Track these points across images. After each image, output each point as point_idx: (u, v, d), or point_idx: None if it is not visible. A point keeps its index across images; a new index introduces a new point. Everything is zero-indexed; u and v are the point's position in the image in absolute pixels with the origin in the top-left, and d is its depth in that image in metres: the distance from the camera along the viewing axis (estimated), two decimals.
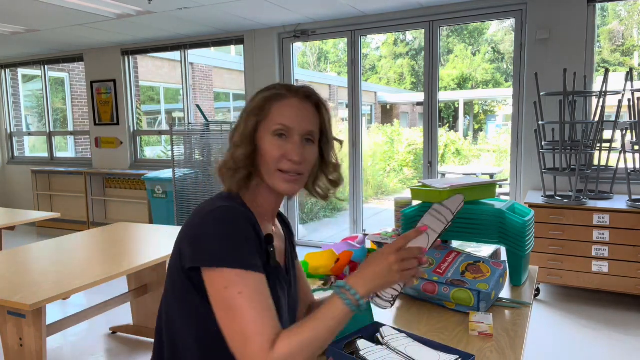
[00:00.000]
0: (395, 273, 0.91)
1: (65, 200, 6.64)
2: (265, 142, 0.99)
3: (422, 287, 1.50)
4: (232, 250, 0.89)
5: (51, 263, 2.55)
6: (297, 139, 0.99)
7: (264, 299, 0.89)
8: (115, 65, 6.03)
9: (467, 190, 1.71)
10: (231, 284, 0.87)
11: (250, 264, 0.89)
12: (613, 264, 3.34)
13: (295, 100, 1.01)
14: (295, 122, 0.99)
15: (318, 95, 1.05)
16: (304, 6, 4.24)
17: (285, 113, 1.00)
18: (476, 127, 16.67)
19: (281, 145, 0.99)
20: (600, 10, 7.30)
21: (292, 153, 0.98)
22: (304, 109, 1.01)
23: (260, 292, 0.89)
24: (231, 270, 0.88)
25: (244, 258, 0.89)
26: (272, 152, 0.98)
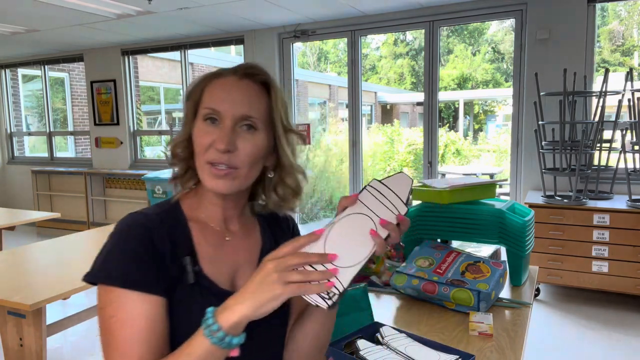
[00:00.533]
0: (273, 284, 0.69)
1: (65, 200, 6.64)
2: (195, 129, 0.85)
3: (422, 287, 1.50)
4: (113, 266, 0.77)
5: (51, 263, 2.55)
6: (228, 123, 0.82)
7: (136, 327, 0.75)
8: (115, 65, 6.03)
9: (467, 190, 1.71)
10: (106, 304, 0.77)
11: (131, 282, 0.76)
12: (613, 264, 3.34)
13: (231, 78, 0.85)
14: (226, 104, 0.83)
15: (265, 73, 0.89)
16: (304, 6, 4.24)
17: (215, 94, 0.84)
18: (476, 127, 16.67)
19: (210, 131, 0.83)
20: (600, 10, 7.31)
21: (218, 140, 0.81)
22: (241, 89, 0.85)
23: (136, 317, 0.75)
24: (108, 288, 0.77)
25: (124, 275, 0.76)
26: (200, 139, 0.83)
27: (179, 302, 0.81)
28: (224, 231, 0.91)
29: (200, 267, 0.84)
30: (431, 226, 1.75)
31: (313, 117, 13.54)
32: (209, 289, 0.84)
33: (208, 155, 0.82)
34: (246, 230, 0.95)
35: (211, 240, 0.88)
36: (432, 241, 1.72)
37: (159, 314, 0.78)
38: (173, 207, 0.88)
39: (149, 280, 0.78)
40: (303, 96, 11.91)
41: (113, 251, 0.79)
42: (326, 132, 10.99)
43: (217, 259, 0.88)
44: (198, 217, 0.89)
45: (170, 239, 0.82)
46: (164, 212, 0.86)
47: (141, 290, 0.77)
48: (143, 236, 0.80)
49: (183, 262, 0.82)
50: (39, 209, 6.58)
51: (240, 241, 0.93)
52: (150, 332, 0.76)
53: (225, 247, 0.90)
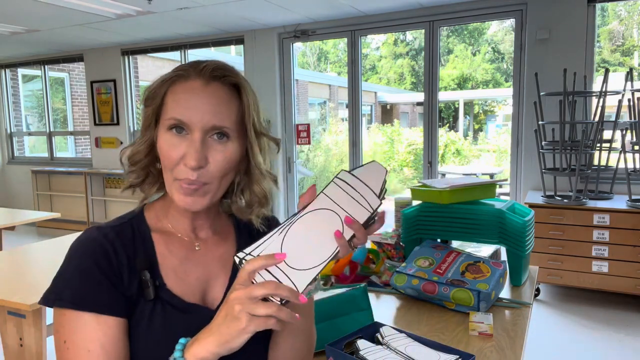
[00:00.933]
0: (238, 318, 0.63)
1: (65, 200, 6.64)
2: (160, 140, 0.77)
3: (422, 287, 1.50)
4: (62, 287, 0.73)
5: (51, 263, 2.55)
6: (197, 136, 0.74)
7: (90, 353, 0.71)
8: (115, 65, 6.03)
9: (467, 190, 1.71)
10: (59, 327, 0.73)
11: (83, 304, 0.71)
12: (613, 264, 3.34)
13: (197, 82, 0.76)
14: (193, 114, 0.73)
15: (235, 72, 0.79)
16: (304, 6, 4.24)
17: (181, 102, 0.75)
18: (476, 127, 16.67)
19: (177, 143, 0.74)
20: (600, 10, 7.31)
21: (188, 156, 0.73)
22: (209, 95, 0.75)
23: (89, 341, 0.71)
24: (60, 311, 0.73)
25: (75, 296, 0.72)
26: (167, 152, 0.75)
27: (140, 319, 0.76)
28: (193, 240, 0.84)
29: (163, 281, 0.78)
30: (431, 226, 1.75)
31: (313, 117, 13.55)
32: (172, 304, 0.78)
33: (177, 172, 0.75)
34: (219, 236, 0.88)
35: (177, 251, 0.82)
36: (432, 241, 1.72)
37: (114, 337, 0.73)
38: (135, 217, 0.82)
39: (103, 300, 0.73)
40: (303, 96, 11.92)
41: (65, 271, 0.75)
42: (326, 132, 10.99)
43: (184, 272, 0.81)
44: (164, 227, 0.83)
45: (127, 252, 0.77)
46: (123, 224, 0.80)
47: (94, 312, 0.72)
48: (95, 253, 0.74)
49: (142, 276, 0.76)
50: (39, 209, 6.58)
51: (212, 249, 0.86)
52: (104, 357, 0.71)
53: (194, 258, 0.83)
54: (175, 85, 0.77)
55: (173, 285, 0.79)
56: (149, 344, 0.75)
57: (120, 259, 0.76)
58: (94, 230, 0.78)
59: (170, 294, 0.78)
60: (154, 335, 0.75)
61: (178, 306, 0.78)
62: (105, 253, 0.75)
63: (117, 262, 0.75)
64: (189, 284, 0.81)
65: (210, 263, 0.85)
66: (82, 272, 0.73)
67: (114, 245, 0.76)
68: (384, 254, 1.87)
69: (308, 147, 7.57)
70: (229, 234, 0.90)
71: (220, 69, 0.77)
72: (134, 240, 0.79)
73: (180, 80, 0.77)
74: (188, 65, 0.79)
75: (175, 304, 0.78)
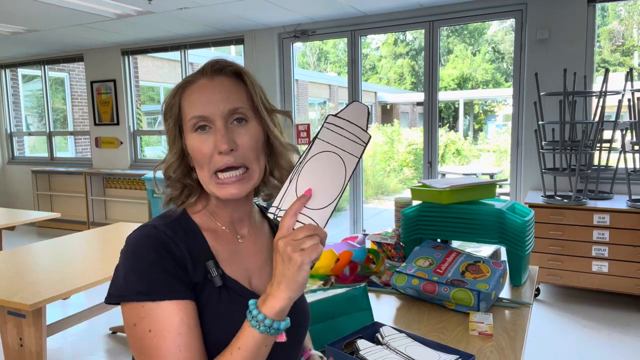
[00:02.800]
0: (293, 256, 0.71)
1: (65, 200, 6.64)
2: (189, 143, 0.83)
3: (422, 287, 1.50)
4: (136, 281, 0.76)
5: (51, 263, 2.55)
6: (219, 124, 0.81)
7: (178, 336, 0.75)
8: (115, 65, 6.03)
9: (467, 190, 1.71)
10: (139, 319, 0.75)
11: (161, 293, 0.76)
12: (613, 264, 3.34)
13: (202, 81, 0.84)
14: (209, 106, 0.81)
15: (233, 62, 0.86)
16: (304, 6, 4.24)
17: (195, 101, 0.82)
18: (476, 127, 16.67)
19: (205, 139, 0.81)
20: (600, 10, 7.31)
21: (218, 142, 0.80)
22: (218, 86, 0.83)
23: (175, 326, 0.75)
24: (135, 305, 0.76)
25: (151, 288, 0.76)
26: (199, 150, 0.82)
27: (207, 306, 0.81)
28: (235, 235, 0.91)
29: (223, 270, 0.85)
30: (431, 226, 1.75)
31: (313, 117, 13.55)
32: (236, 291, 0.85)
33: (213, 164, 0.81)
34: (256, 233, 0.95)
35: (226, 245, 0.89)
36: (432, 241, 1.72)
37: (193, 318, 0.78)
38: (181, 217, 0.87)
39: (176, 286, 0.77)
40: (303, 96, 11.91)
41: (133, 267, 0.78)
42: None
43: (234, 262, 0.88)
44: (208, 224, 0.89)
45: (186, 246, 0.82)
46: (173, 222, 0.85)
47: (172, 298, 0.76)
48: (158, 246, 0.79)
49: (207, 266, 0.82)
50: (39, 209, 6.58)
51: (251, 243, 0.93)
52: (192, 337, 0.76)
53: (239, 251, 0.90)
54: (185, 91, 0.84)
55: (230, 273, 0.86)
56: (216, 326, 0.80)
57: (182, 252, 0.81)
58: (150, 227, 0.82)
59: (233, 281, 0.85)
60: (220, 317, 0.81)
61: (239, 292, 0.85)
62: (168, 246, 0.80)
63: (180, 254, 0.80)
64: (239, 273, 0.88)
65: (252, 256, 0.92)
66: (153, 264, 0.77)
67: (174, 240, 0.81)
68: (384, 254, 1.87)
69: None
70: (262, 232, 0.97)
71: (218, 63, 0.85)
72: (186, 236, 0.84)
73: (189, 86, 0.84)
74: (192, 73, 0.86)
75: (236, 289, 0.85)
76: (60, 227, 6.31)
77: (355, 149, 0.76)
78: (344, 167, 0.76)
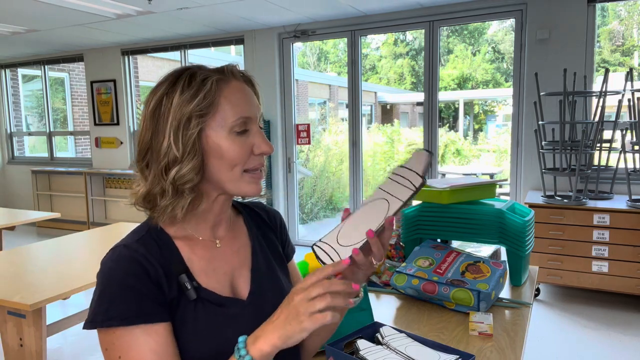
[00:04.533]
0: (300, 317, 0.70)
1: (65, 200, 6.64)
2: (225, 143, 0.80)
3: (422, 287, 1.50)
4: (107, 307, 0.75)
5: (51, 263, 2.55)
6: (257, 127, 0.85)
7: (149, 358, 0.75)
8: (115, 65, 6.03)
9: (467, 190, 1.71)
10: (110, 345, 0.76)
11: (131, 318, 0.74)
12: (613, 264, 3.34)
13: (238, 82, 0.85)
14: (252, 108, 0.84)
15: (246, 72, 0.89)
16: (304, 6, 4.24)
17: (239, 101, 0.82)
18: (476, 127, 16.67)
19: (243, 140, 0.82)
20: (600, 10, 7.30)
21: (263, 145, 0.83)
22: (250, 92, 0.86)
23: (144, 353, 0.74)
24: (107, 330, 0.75)
25: (122, 313, 0.74)
26: (239, 152, 0.81)
27: (184, 319, 0.81)
28: (213, 239, 0.90)
29: (198, 282, 0.84)
30: (431, 226, 1.75)
31: (313, 117, 13.55)
32: (212, 301, 0.84)
33: (249, 163, 0.83)
34: (234, 232, 0.95)
35: (201, 253, 0.87)
36: (432, 241, 1.72)
37: (165, 341, 0.77)
38: (153, 229, 0.85)
39: (149, 309, 0.76)
40: (303, 96, 11.91)
41: (104, 292, 0.77)
42: (326, 132, 10.98)
43: (212, 270, 0.87)
44: (184, 234, 0.86)
45: (159, 262, 0.80)
46: (144, 237, 0.83)
47: (143, 323, 0.75)
48: (130, 268, 0.77)
49: (180, 280, 0.81)
50: (39, 209, 6.58)
51: (230, 245, 0.92)
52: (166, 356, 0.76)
53: (217, 256, 0.89)
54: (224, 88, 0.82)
55: (207, 284, 0.85)
56: (195, 340, 0.81)
57: (156, 269, 0.80)
58: (122, 249, 0.80)
59: (207, 291, 0.84)
60: (199, 331, 0.81)
61: (216, 302, 0.84)
62: (141, 266, 0.78)
63: (154, 272, 0.79)
64: (219, 280, 0.87)
65: (231, 257, 0.91)
66: (125, 289, 0.76)
67: (147, 258, 0.80)
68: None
69: (308, 147, 7.58)
70: (240, 230, 0.97)
71: (241, 70, 0.87)
72: (160, 250, 0.83)
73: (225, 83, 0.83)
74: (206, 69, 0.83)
75: (213, 300, 0.84)
76: (60, 227, 6.31)
77: (404, 193, 0.78)
78: (386, 209, 0.77)
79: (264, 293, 0.91)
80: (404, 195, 0.78)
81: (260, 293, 0.91)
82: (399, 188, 0.79)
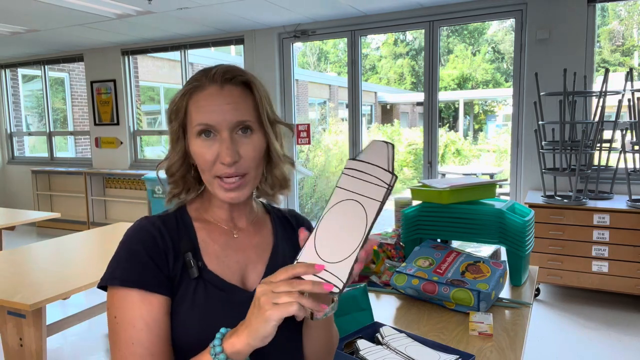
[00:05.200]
0: (262, 308, 0.67)
1: (65, 200, 6.63)
2: (192, 147, 0.84)
3: (422, 287, 1.50)
4: (115, 267, 0.81)
5: (51, 263, 2.55)
6: (226, 135, 0.82)
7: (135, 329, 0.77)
8: (115, 65, 6.03)
9: (467, 190, 1.71)
10: (111, 304, 0.80)
11: (131, 281, 0.79)
12: (613, 264, 3.34)
13: (213, 88, 0.84)
14: (218, 116, 0.82)
15: (244, 72, 0.87)
16: (304, 6, 4.24)
17: (203, 108, 0.82)
18: (476, 127, 16.67)
19: (209, 145, 0.83)
20: (600, 10, 7.31)
21: (222, 153, 0.81)
22: (226, 96, 0.83)
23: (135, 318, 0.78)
24: (113, 290, 0.80)
25: (124, 274, 0.79)
26: (202, 156, 0.83)
27: (183, 298, 0.83)
28: (232, 229, 0.92)
29: (204, 263, 0.86)
30: (431, 226, 1.75)
31: (313, 117, 13.55)
32: (214, 284, 0.85)
33: (215, 171, 0.83)
34: (256, 227, 0.95)
35: (218, 238, 0.90)
36: (432, 241, 1.72)
37: (157, 314, 0.79)
38: (178, 210, 0.91)
39: (148, 279, 0.80)
40: (303, 96, 11.91)
41: (116, 255, 0.83)
42: (326, 132, 10.99)
43: (224, 256, 0.89)
44: (205, 218, 0.91)
45: (172, 238, 0.85)
46: (168, 215, 0.89)
47: (140, 288, 0.79)
48: (143, 237, 0.83)
49: (185, 257, 0.84)
50: (39, 209, 6.58)
51: (249, 238, 0.93)
52: (149, 334, 0.78)
53: (233, 245, 0.91)
54: (193, 96, 0.84)
55: (215, 267, 0.87)
56: (191, 321, 0.82)
57: (166, 242, 0.84)
58: (143, 219, 0.87)
59: (212, 274, 0.86)
60: (195, 312, 0.82)
61: (218, 285, 0.85)
62: (152, 237, 0.83)
63: (163, 245, 0.83)
64: (229, 267, 0.88)
65: (248, 250, 0.92)
66: (131, 253, 0.81)
67: (160, 231, 0.84)
68: (384, 254, 1.87)
69: (308, 147, 7.57)
70: (264, 227, 0.97)
71: (229, 72, 0.85)
72: (177, 228, 0.87)
73: (197, 91, 0.84)
74: (200, 74, 0.86)
75: (215, 283, 0.85)
76: (60, 227, 6.31)
77: (377, 193, 0.70)
78: (364, 214, 0.70)
79: None
80: (377, 194, 0.70)
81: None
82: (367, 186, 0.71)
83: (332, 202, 0.73)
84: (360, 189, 0.71)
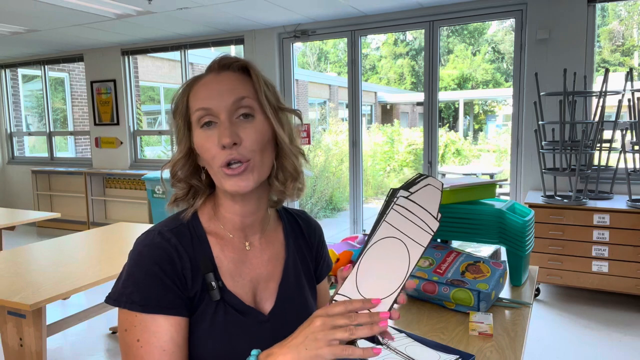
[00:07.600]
0: (318, 343, 0.66)
1: (65, 200, 6.63)
2: (196, 140, 0.82)
3: (422, 287, 1.50)
4: (132, 290, 0.77)
5: (51, 263, 2.55)
6: (224, 117, 0.79)
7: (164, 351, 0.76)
8: (115, 65, 6.03)
9: (467, 190, 1.71)
10: (131, 327, 0.77)
11: (154, 307, 0.76)
12: (613, 264, 3.34)
13: (210, 76, 0.83)
14: (214, 99, 0.80)
15: (240, 59, 0.85)
16: (304, 6, 4.24)
17: (201, 94, 0.81)
18: (476, 127, 16.67)
19: (210, 134, 0.80)
20: (600, 10, 7.31)
21: (221, 135, 0.78)
22: (223, 81, 0.82)
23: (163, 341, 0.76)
24: (129, 312, 0.77)
25: (146, 300, 0.76)
26: (205, 146, 0.80)
27: (201, 318, 0.81)
28: (244, 242, 0.89)
29: (223, 283, 0.84)
30: None
31: (313, 117, 13.55)
32: (233, 305, 0.83)
33: (219, 159, 0.79)
34: (267, 241, 0.92)
35: (230, 254, 0.87)
36: (432, 241, 1.71)
37: (182, 337, 0.79)
38: (190, 219, 0.86)
39: (171, 302, 0.78)
40: (303, 96, 11.91)
41: (131, 275, 0.79)
42: (326, 132, 10.99)
43: (238, 275, 0.86)
44: (216, 229, 0.87)
45: (189, 255, 0.82)
46: (180, 227, 0.84)
47: (164, 313, 0.77)
48: (161, 257, 0.79)
49: (207, 278, 0.81)
50: (39, 209, 6.58)
51: (261, 253, 0.91)
52: (178, 356, 0.77)
53: (246, 260, 0.88)
54: (192, 88, 0.84)
55: (232, 287, 0.85)
56: (208, 342, 0.80)
57: (184, 262, 0.81)
58: (157, 235, 0.82)
59: (231, 295, 0.84)
60: (214, 334, 0.81)
61: (238, 308, 0.84)
62: (170, 258, 0.80)
63: (180, 265, 0.80)
64: (243, 285, 0.86)
65: (259, 267, 0.90)
66: (151, 276, 0.78)
67: (177, 250, 0.81)
68: None
69: (308, 147, 7.58)
70: (277, 236, 0.95)
71: (226, 58, 0.85)
72: (192, 243, 0.84)
73: (196, 82, 0.84)
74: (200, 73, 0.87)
75: (236, 305, 0.84)
76: (60, 227, 6.31)
77: (423, 238, 0.71)
78: (407, 257, 0.70)
79: (286, 313, 0.89)
80: (423, 240, 0.71)
81: (282, 312, 0.89)
82: (415, 229, 0.71)
83: (379, 236, 0.72)
84: (408, 230, 0.71)
